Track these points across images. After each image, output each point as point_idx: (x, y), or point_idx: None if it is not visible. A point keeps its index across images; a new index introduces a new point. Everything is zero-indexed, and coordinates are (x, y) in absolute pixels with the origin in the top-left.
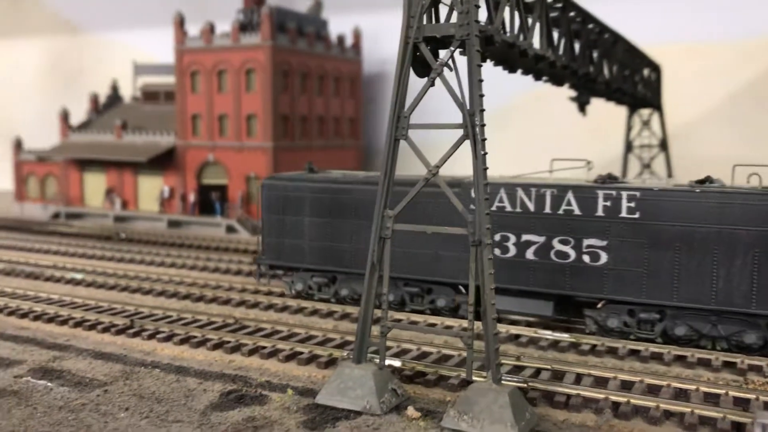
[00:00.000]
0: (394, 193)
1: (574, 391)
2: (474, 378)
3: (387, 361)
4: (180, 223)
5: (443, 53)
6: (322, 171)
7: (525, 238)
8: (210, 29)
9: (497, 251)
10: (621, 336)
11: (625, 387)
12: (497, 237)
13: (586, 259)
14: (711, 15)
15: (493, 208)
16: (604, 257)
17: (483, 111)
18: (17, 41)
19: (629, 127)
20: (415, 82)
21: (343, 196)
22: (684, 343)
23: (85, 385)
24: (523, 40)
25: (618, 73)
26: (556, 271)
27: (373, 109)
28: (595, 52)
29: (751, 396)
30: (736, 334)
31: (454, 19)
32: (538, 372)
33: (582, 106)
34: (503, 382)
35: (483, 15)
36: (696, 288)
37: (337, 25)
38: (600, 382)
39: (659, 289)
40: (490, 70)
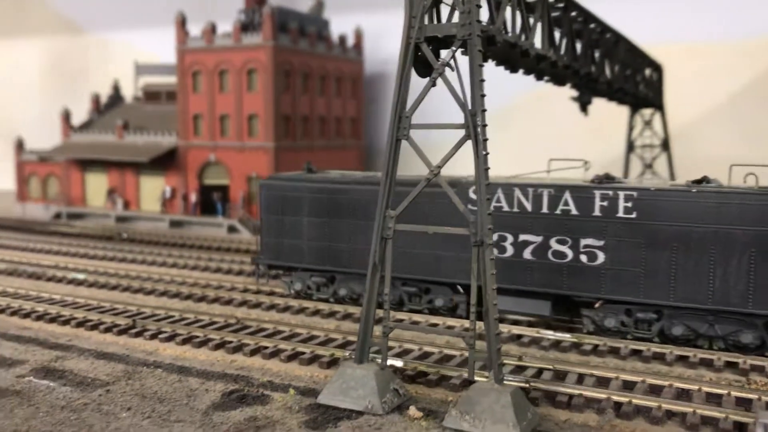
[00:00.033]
0: (395, 194)
1: (576, 391)
2: (476, 378)
3: (389, 361)
4: (182, 223)
5: (445, 53)
6: (320, 171)
7: (522, 238)
8: (212, 29)
9: (494, 251)
10: (618, 336)
11: (627, 387)
12: (495, 237)
13: (584, 258)
14: (712, 15)
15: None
16: (601, 257)
17: (484, 111)
18: (19, 41)
19: (631, 127)
20: (417, 82)
21: (341, 196)
22: (681, 342)
23: (87, 385)
24: (524, 40)
25: (619, 73)
26: (553, 271)
27: (374, 109)
28: (596, 52)
29: (753, 396)
30: (732, 334)
31: (456, 19)
32: (540, 372)
33: (584, 106)
34: (505, 382)
35: (485, 15)
36: (693, 288)
37: (339, 25)
38: (602, 382)
39: (656, 288)
40: (491, 70)
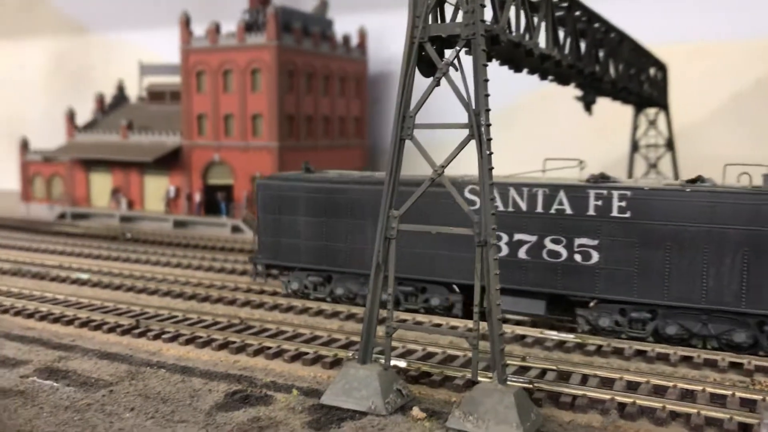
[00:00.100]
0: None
1: (580, 392)
2: (479, 378)
3: (392, 362)
4: (186, 223)
5: (449, 53)
6: (319, 171)
7: (517, 237)
8: (215, 29)
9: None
10: (613, 335)
11: (631, 388)
12: None
13: (578, 258)
14: (718, 14)
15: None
16: (595, 256)
17: (488, 110)
18: (24, 41)
19: (635, 127)
20: (421, 82)
21: (338, 195)
22: (675, 342)
23: (90, 385)
24: (528, 40)
25: (624, 72)
26: (548, 271)
27: (378, 109)
28: (601, 51)
29: (757, 397)
30: (726, 333)
31: (460, 19)
32: (543, 372)
33: (588, 106)
34: (509, 382)
35: (488, 14)
36: (686, 287)
37: (343, 24)
38: (606, 383)
39: (650, 288)
40: (495, 70)
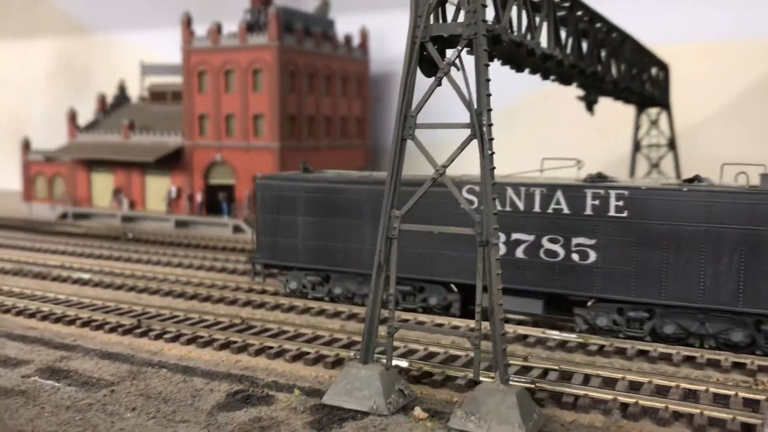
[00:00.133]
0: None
1: (582, 392)
2: (481, 378)
3: (394, 362)
4: (187, 223)
5: (450, 53)
6: (317, 171)
7: (515, 236)
8: (217, 29)
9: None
10: (610, 335)
11: (634, 388)
12: None
13: (575, 257)
14: (720, 14)
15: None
16: (593, 256)
17: (490, 110)
18: (26, 41)
19: (637, 127)
20: (423, 82)
21: (336, 195)
22: (672, 341)
23: (92, 385)
24: (530, 39)
25: (626, 72)
26: (545, 270)
27: (380, 109)
28: (602, 51)
29: (761, 397)
30: (723, 332)
31: (461, 19)
32: (545, 372)
33: (590, 105)
34: (511, 382)
35: (490, 14)
36: (684, 286)
37: (344, 25)
38: (608, 383)
39: (648, 287)
40: (497, 70)
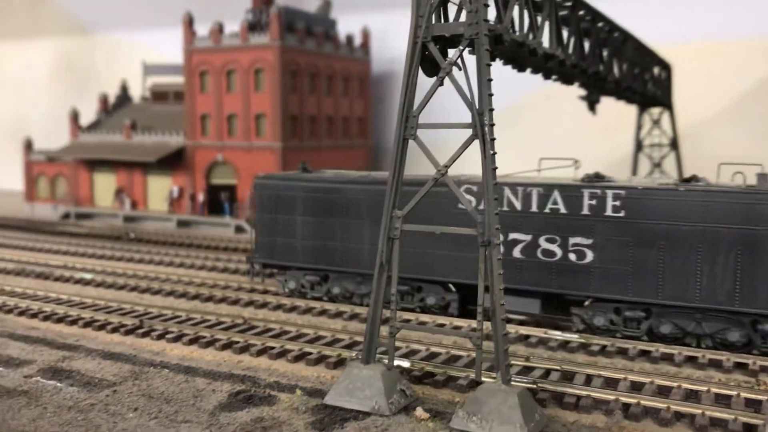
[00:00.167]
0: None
1: (584, 392)
2: (483, 379)
3: (396, 362)
4: (189, 223)
5: (452, 52)
6: (316, 171)
7: (512, 236)
8: (219, 29)
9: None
10: (607, 334)
11: (636, 388)
12: None
13: (573, 257)
14: (722, 14)
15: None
16: (590, 255)
17: (492, 110)
18: (28, 41)
19: (639, 126)
20: (424, 82)
21: (335, 195)
22: (669, 341)
23: (94, 386)
24: (532, 39)
25: (628, 72)
26: (542, 270)
27: (381, 109)
28: (605, 51)
29: (762, 397)
30: (720, 332)
31: (463, 18)
32: (547, 373)
33: (592, 105)
34: (512, 382)
35: (492, 14)
36: (680, 286)
37: (346, 24)
38: (610, 383)
39: (644, 287)
40: (499, 69)
